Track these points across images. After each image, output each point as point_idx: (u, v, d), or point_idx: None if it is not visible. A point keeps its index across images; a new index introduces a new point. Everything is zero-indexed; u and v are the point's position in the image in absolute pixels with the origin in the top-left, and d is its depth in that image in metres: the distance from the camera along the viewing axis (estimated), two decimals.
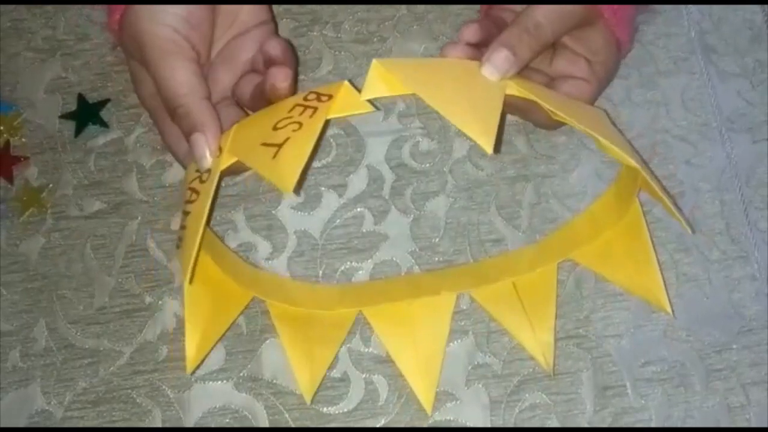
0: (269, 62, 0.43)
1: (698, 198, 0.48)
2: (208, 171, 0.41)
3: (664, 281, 0.46)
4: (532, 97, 0.39)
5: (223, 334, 0.45)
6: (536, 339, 0.45)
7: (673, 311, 0.45)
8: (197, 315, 0.43)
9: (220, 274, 0.45)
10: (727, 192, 0.48)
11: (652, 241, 0.46)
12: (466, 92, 0.39)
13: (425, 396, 0.44)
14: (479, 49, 0.41)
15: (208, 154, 0.41)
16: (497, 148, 0.43)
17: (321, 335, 0.44)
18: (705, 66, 0.51)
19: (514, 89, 0.40)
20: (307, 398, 0.44)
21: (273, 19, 0.47)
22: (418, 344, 0.45)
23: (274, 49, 0.43)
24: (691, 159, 0.49)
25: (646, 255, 0.45)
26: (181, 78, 0.42)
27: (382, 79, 0.38)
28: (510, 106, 0.39)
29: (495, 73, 0.39)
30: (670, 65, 0.51)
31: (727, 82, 0.50)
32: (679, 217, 0.43)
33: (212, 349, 0.45)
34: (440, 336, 0.45)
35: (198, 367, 0.44)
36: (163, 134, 0.45)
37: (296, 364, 0.44)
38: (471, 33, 0.42)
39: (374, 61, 0.38)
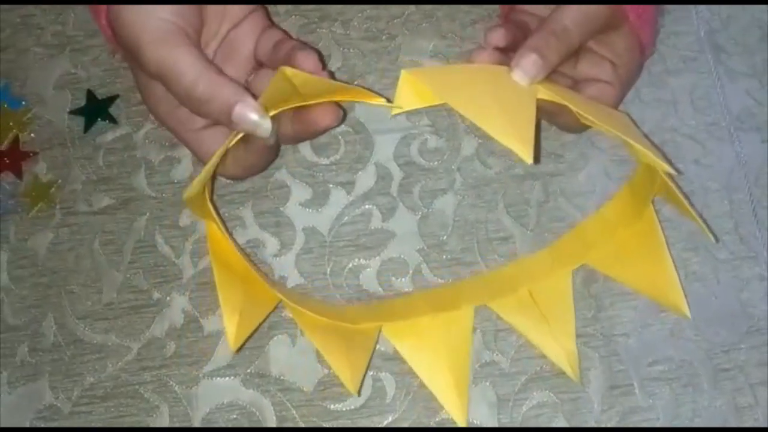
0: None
1: (707, 198, 0.48)
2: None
3: None
4: (563, 101, 0.39)
5: (262, 323, 0.45)
6: (560, 348, 0.44)
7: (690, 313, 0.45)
8: (231, 295, 0.42)
9: (251, 272, 0.44)
10: (735, 192, 0.48)
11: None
12: (499, 100, 0.38)
13: (458, 411, 0.44)
14: (506, 53, 0.41)
15: (258, 117, 0.38)
16: (536, 156, 0.42)
17: (352, 342, 0.44)
18: (714, 65, 0.51)
19: (544, 93, 0.39)
20: (354, 391, 0.43)
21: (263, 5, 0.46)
22: (442, 360, 0.44)
23: (307, 62, 0.41)
24: (700, 158, 0.49)
25: (661, 259, 0.45)
26: (188, 61, 0.39)
27: (413, 90, 0.38)
28: (538, 110, 0.39)
29: (525, 77, 0.39)
30: (679, 64, 0.50)
31: (736, 81, 0.50)
32: (702, 224, 0.43)
33: (254, 331, 0.44)
34: (464, 350, 0.45)
35: (243, 345, 0.43)
36: (194, 148, 0.43)
37: (336, 366, 0.43)
38: (498, 37, 0.42)
39: (403, 72, 0.37)
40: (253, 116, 0.38)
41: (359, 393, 0.44)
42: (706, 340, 0.46)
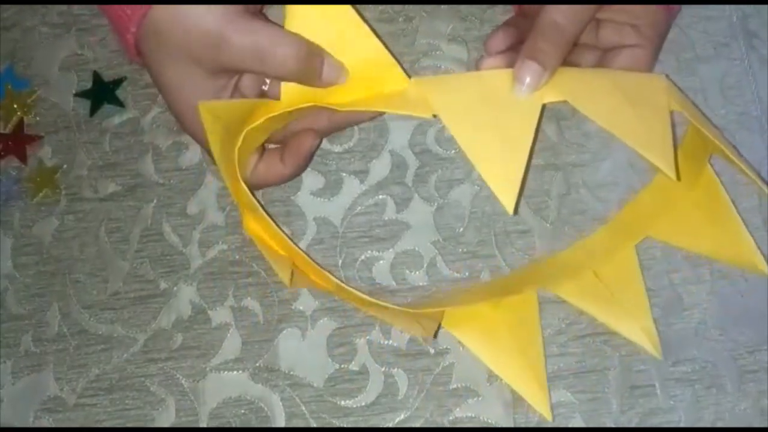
0: None
1: (735, 191, 0.46)
2: None
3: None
4: (567, 98, 0.37)
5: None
6: (638, 326, 0.43)
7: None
8: (281, 260, 0.42)
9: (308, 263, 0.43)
10: (765, 185, 0.46)
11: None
12: (495, 125, 0.38)
13: (540, 401, 0.42)
14: (514, 51, 0.40)
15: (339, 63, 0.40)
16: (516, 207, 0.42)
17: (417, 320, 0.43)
18: (746, 52, 0.48)
19: (552, 94, 0.38)
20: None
21: None
22: (513, 348, 0.43)
23: None
24: None
25: (729, 218, 0.44)
26: (279, 30, 0.39)
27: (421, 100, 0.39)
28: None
29: (526, 90, 0.38)
30: (709, 50, 0.48)
31: None
32: (758, 180, 0.42)
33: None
34: (535, 334, 0.43)
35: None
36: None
37: (407, 328, 0.44)
38: (497, 43, 0.42)
39: (412, 80, 0.40)
40: (337, 63, 0.40)
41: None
42: (731, 340, 0.44)
